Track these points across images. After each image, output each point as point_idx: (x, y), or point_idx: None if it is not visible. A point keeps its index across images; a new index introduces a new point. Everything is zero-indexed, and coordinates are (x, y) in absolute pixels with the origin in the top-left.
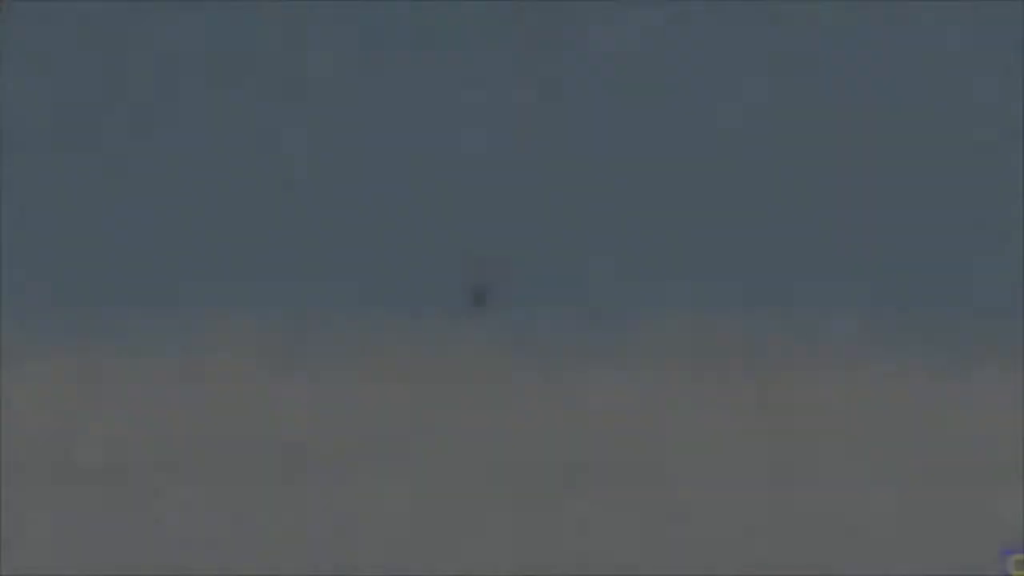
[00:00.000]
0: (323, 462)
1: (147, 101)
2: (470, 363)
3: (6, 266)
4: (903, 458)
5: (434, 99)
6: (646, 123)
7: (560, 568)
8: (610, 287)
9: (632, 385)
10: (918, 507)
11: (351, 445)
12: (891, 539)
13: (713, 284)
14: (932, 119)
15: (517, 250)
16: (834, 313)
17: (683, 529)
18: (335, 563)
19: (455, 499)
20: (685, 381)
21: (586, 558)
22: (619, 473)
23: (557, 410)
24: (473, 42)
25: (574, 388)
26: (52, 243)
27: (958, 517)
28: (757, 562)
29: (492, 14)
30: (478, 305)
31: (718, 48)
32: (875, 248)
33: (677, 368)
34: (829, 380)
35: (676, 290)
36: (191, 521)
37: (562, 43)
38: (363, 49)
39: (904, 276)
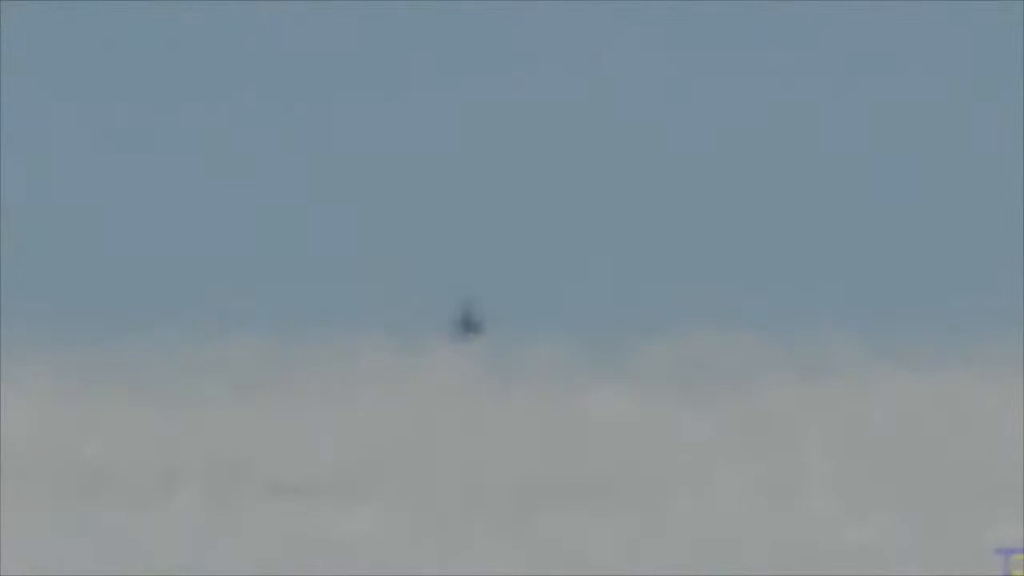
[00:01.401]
0: (315, 485)
1: (146, 110)
2: (465, 386)
3: (6, 270)
4: (901, 469)
5: (428, 116)
6: (639, 141)
7: None
8: (605, 309)
9: (627, 406)
10: (918, 518)
11: (345, 469)
12: (890, 552)
13: (709, 303)
14: (930, 125)
15: (511, 272)
16: (830, 330)
17: (678, 547)
18: None
19: (450, 521)
20: (678, 401)
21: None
22: (614, 493)
23: (552, 431)
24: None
25: (569, 409)
26: (52, 251)
27: (958, 527)
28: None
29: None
30: (468, 332)
31: (716, 53)
32: (871, 261)
33: (671, 388)
34: (824, 396)
35: (673, 310)
36: (183, 536)
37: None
38: (359, 62)
39: (901, 294)
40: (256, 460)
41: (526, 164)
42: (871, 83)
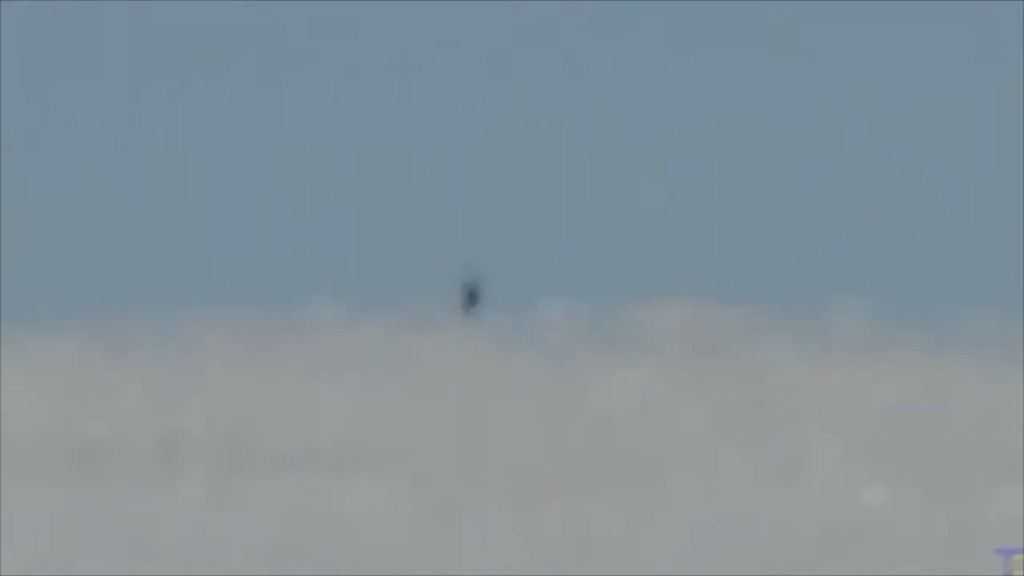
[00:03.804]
0: (318, 461)
1: (145, 98)
2: (468, 361)
3: (6, 264)
4: (902, 453)
5: (426, 99)
6: (641, 115)
7: (563, 564)
8: (608, 284)
9: (630, 382)
10: (916, 503)
11: (350, 443)
12: (889, 536)
13: (713, 278)
14: (933, 119)
15: (513, 246)
16: (835, 307)
17: (681, 523)
18: (331, 562)
19: (451, 496)
20: (685, 374)
21: (586, 554)
22: (616, 470)
23: (555, 407)
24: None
25: (572, 386)
26: (50, 239)
27: (957, 514)
28: (754, 559)
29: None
30: (471, 304)
31: (717, 44)
32: (877, 244)
33: (678, 361)
34: (828, 374)
35: (677, 284)
36: (187, 510)
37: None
38: (354, 49)
39: (905, 273)
40: (259, 435)
41: (529, 137)
42: (875, 71)
